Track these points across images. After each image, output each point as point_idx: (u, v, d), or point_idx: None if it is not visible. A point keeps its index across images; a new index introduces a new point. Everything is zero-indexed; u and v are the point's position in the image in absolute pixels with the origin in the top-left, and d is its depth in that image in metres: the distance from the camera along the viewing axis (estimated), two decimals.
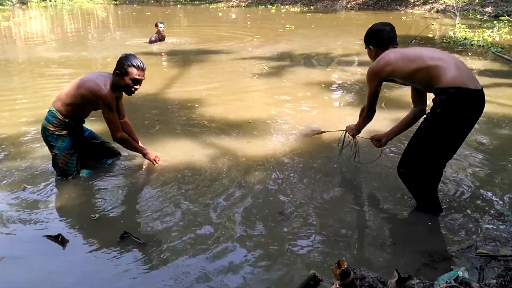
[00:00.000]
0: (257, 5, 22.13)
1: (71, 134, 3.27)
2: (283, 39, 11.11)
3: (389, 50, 2.81)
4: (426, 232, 2.68)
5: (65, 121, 3.19)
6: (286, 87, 6.26)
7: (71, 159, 3.29)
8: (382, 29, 2.90)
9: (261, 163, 3.64)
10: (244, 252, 2.48)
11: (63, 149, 3.24)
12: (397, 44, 2.90)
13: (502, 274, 2.16)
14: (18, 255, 2.49)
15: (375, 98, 2.94)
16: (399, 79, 2.73)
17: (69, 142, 3.27)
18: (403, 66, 2.64)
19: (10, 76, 7.14)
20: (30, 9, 21.73)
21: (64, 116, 3.17)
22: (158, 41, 9.97)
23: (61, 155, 3.24)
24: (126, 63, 3.09)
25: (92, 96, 3.07)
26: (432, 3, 18.11)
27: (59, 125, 3.19)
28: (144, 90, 5.96)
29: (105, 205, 3.02)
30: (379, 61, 2.77)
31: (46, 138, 3.25)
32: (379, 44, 2.88)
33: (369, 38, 2.94)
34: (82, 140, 3.40)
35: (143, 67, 3.17)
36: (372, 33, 2.93)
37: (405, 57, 2.67)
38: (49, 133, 3.20)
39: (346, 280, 1.75)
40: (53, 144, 3.23)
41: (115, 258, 2.44)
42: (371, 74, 2.81)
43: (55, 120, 3.17)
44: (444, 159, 2.70)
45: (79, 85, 3.14)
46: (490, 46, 9.16)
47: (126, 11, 21.05)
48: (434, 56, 2.60)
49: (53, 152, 3.26)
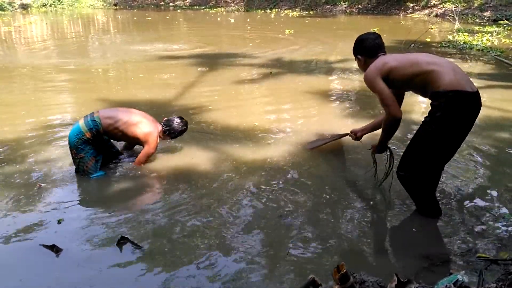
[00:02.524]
0: (256, 9, 22.19)
1: (98, 145, 3.48)
2: (283, 43, 11.14)
3: (382, 56, 2.83)
4: (426, 235, 2.69)
5: (102, 136, 3.45)
6: (287, 92, 6.27)
7: (96, 165, 3.47)
8: (366, 37, 2.93)
9: (261, 167, 3.64)
10: (244, 257, 2.48)
11: (91, 155, 3.42)
12: (386, 52, 2.90)
13: (502, 278, 2.16)
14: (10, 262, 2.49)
15: (391, 97, 2.64)
16: (396, 81, 2.70)
17: (97, 149, 3.48)
18: (401, 69, 2.65)
19: (10, 82, 7.16)
20: (30, 14, 21.79)
21: (104, 132, 3.41)
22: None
23: (88, 159, 3.41)
24: (180, 130, 3.70)
25: (144, 140, 3.52)
26: (431, 7, 18.15)
27: (97, 135, 3.39)
28: (146, 95, 5.99)
29: (102, 210, 3.03)
30: (376, 63, 2.75)
31: (76, 142, 3.37)
32: (366, 53, 2.90)
33: (355, 48, 2.98)
34: (106, 148, 3.64)
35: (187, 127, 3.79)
36: (357, 42, 2.97)
37: (402, 61, 2.69)
38: (85, 139, 3.36)
39: (346, 285, 1.75)
40: (82, 148, 3.39)
41: (111, 263, 2.44)
42: (370, 78, 2.73)
43: (95, 131, 3.37)
44: (443, 161, 2.73)
45: (140, 124, 3.49)
46: (489, 50, 9.19)
47: (126, 16, 21.10)
48: (430, 61, 2.62)
49: (80, 155, 3.40)
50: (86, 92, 6.30)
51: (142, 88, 6.47)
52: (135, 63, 8.54)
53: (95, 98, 5.84)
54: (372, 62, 2.80)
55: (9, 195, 3.21)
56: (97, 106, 5.25)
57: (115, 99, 5.78)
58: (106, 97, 5.95)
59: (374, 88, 2.71)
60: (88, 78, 7.42)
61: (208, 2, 26.18)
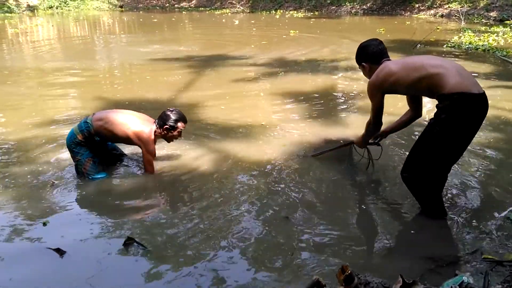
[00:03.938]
0: (261, 11, 22.22)
1: (93, 146, 3.47)
2: (287, 44, 11.15)
3: (386, 61, 2.84)
4: (431, 237, 2.68)
5: (94, 138, 3.42)
6: (292, 93, 6.27)
7: (94, 166, 3.47)
8: (369, 44, 2.94)
9: (266, 168, 3.65)
10: (248, 257, 2.49)
11: (86, 156, 3.43)
12: (389, 57, 2.91)
13: (507, 280, 2.16)
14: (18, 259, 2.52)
15: (381, 111, 2.92)
16: (402, 89, 2.74)
17: (92, 151, 3.47)
18: (405, 76, 2.65)
19: (17, 84, 7.22)
20: (37, 16, 21.96)
21: (96, 133, 3.38)
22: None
23: (84, 162, 3.43)
24: (174, 118, 3.42)
25: (137, 139, 3.37)
26: (436, 7, 18.08)
27: (88, 137, 3.40)
28: (151, 96, 6.02)
29: (109, 211, 3.05)
30: (379, 73, 2.77)
31: (70, 145, 3.43)
32: (370, 59, 2.91)
33: (359, 55, 2.99)
34: (104, 150, 3.61)
35: (186, 120, 3.52)
36: (360, 50, 2.98)
37: (406, 66, 2.68)
38: (77, 141, 3.39)
39: (350, 286, 1.76)
40: (77, 151, 3.42)
41: (118, 264, 2.45)
42: (373, 88, 2.80)
43: (86, 132, 3.38)
44: (449, 163, 2.71)
45: (129, 124, 3.37)
46: (495, 50, 9.13)
47: (132, 18, 21.22)
48: (435, 64, 2.62)
49: (77, 158, 3.44)
50: (92, 93, 6.33)
51: (147, 89, 6.51)
52: (141, 64, 8.58)
53: (101, 99, 5.88)
54: (376, 69, 2.82)
55: (17, 196, 3.24)
56: (102, 107, 5.30)
57: (120, 100, 5.82)
58: (111, 98, 5.99)
59: (372, 99, 2.88)
60: (94, 79, 7.47)
61: (213, 4, 26.26)
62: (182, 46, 10.92)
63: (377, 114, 2.92)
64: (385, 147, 3.62)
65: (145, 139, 3.35)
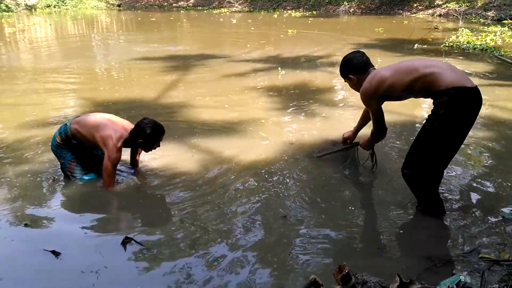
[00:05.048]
0: (259, 10, 22.21)
1: (72, 149, 3.46)
2: (285, 43, 11.15)
3: (375, 69, 2.87)
4: (428, 236, 2.68)
5: (71, 141, 3.41)
6: (290, 92, 6.27)
7: (78, 167, 3.48)
8: (353, 56, 2.99)
9: (264, 167, 3.64)
10: (246, 256, 2.48)
11: (68, 158, 3.45)
12: (374, 67, 2.95)
13: (504, 279, 2.16)
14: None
15: (381, 117, 2.93)
16: (397, 93, 2.76)
17: (73, 152, 3.47)
18: (400, 79, 2.69)
19: (14, 83, 7.20)
20: (35, 15, 21.90)
21: (72, 136, 3.37)
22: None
23: (67, 164, 3.45)
24: (149, 132, 3.18)
25: (102, 144, 3.22)
26: (434, 7, 18.11)
27: (66, 139, 3.40)
28: (149, 96, 6.01)
29: (106, 210, 3.05)
30: (371, 80, 2.79)
31: (52, 148, 3.49)
32: (357, 70, 2.94)
33: (345, 68, 3.01)
34: (87, 152, 3.57)
35: (164, 131, 3.32)
36: (345, 63, 3.01)
37: (399, 70, 2.73)
38: (56, 144, 3.44)
39: (348, 285, 1.75)
40: (59, 154, 3.46)
41: (116, 262, 2.45)
42: (367, 96, 2.83)
43: (64, 135, 3.39)
44: (448, 158, 2.74)
45: (99, 127, 3.26)
46: (493, 50, 9.15)
47: (130, 17, 21.18)
48: (427, 64, 2.67)
49: (60, 161, 3.49)
50: (89, 92, 6.31)
51: (145, 88, 6.49)
52: (139, 64, 8.56)
53: (98, 99, 5.85)
54: (364, 79, 2.86)
55: (12, 195, 3.23)
56: (98, 107, 5.29)
57: (117, 100, 5.80)
58: (108, 97, 5.97)
59: (369, 107, 2.91)
60: (91, 79, 7.45)
61: (211, 3, 26.24)
62: (180, 46, 10.90)
63: (379, 121, 2.94)
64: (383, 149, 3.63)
65: (110, 145, 3.18)
